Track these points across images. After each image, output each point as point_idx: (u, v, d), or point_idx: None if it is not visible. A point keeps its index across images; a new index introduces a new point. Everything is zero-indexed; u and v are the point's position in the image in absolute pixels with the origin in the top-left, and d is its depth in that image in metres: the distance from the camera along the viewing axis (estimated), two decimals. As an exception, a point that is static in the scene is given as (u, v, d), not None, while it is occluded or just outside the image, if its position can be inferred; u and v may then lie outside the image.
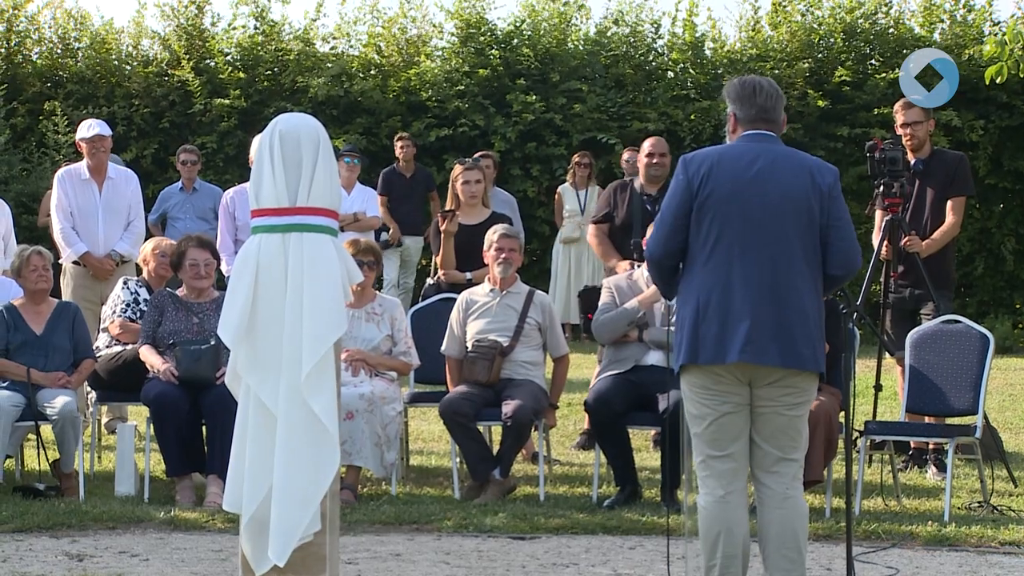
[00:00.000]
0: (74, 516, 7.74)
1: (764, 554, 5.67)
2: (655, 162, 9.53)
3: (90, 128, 10.31)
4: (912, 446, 9.28)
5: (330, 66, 16.98)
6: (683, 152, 6.00)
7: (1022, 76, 10.37)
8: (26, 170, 16.02)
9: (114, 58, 17.31)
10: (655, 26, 17.42)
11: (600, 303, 8.47)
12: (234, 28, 17.49)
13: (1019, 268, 16.53)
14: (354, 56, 17.40)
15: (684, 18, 17.12)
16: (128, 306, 8.95)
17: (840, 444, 7.67)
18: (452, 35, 17.44)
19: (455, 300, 8.83)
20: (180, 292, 8.65)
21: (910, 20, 17.13)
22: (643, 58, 17.34)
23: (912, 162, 9.33)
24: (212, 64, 17.06)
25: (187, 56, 16.89)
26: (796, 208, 5.57)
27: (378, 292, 8.91)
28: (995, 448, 8.80)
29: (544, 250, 16.30)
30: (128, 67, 17.26)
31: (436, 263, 9.85)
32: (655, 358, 8.19)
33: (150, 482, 8.34)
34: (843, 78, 16.38)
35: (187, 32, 17.29)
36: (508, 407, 8.26)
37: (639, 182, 9.57)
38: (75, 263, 10.23)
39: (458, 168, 9.75)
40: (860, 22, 16.85)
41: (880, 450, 8.70)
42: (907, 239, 9.16)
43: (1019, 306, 16.76)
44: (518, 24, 17.26)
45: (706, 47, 17.21)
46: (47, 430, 8.55)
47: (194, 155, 13.33)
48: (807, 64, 16.51)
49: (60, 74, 17.26)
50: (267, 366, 5.03)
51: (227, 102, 16.64)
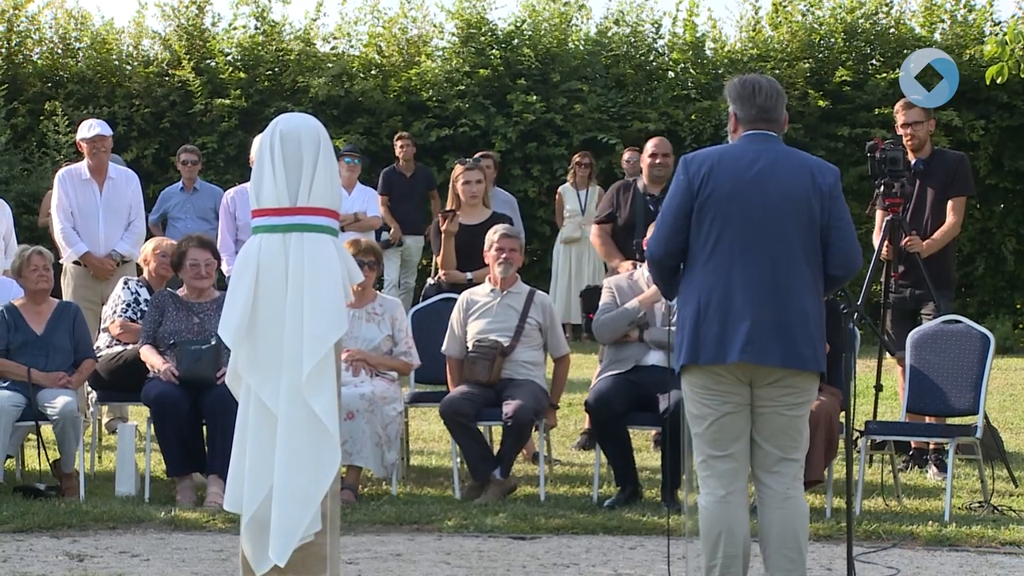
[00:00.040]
0: (75, 516, 7.74)
1: (765, 554, 5.66)
2: (658, 162, 9.52)
3: (91, 128, 10.31)
4: (913, 446, 9.28)
5: (331, 66, 16.97)
6: (683, 152, 6.00)
7: (1023, 76, 10.37)
8: (27, 170, 16.01)
9: (115, 58, 17.30)
10: (656, 26, 17.43)
11: (601, 303, 8.46)
12: (235, 28, 17.49)
13: (1020, 268, 16.52)
14: (355, 56, 17.39)
15: (685, 18, 17.12)
16: (129, 306, 8.95)
17: (841, 444, 7.67)
18: (453, 35, 17.44)
19: (456, 300, 8.82)
20: (181, 292, 8.64)
21: (911, 20, 17.13)
22: (644, 58, 17.33)
23: (913, 162, 9.33)
24: (213, 64, 17.05)
25: (188, 56, 16.88)
26: (797, 208, 5.57)
27: (379, 292, 8.91)
28: (996, 448, 8.79)
29: (545, 250, 16.29)
30: (129, 67, 17.25)
31: (437, 263, 9.84)
32: (656, 358, 8.19)
33: (151, 482, 8.33)
34: (844, 78, 16.37)
35: (188, 32, 17.28)
36: (509, 407, 8.26)
37: (642, 182, 9.57)
38: (76, 263, 10.23)
39: (459, 168, 9.75)
40: (861, 22, 16.85)
41: (881, 450, 8.70)
42: (908, 239, 9.16)
43: (1020, 306, 16.75)
44: (519, 24, 17.25)
45: (707, 47, 17.20)
46: (48, 430, 8.54)
47: (195, 155, 13.33)
48: (808, 64, 16.50)
49: (61, 74, 17.24)
50: (268, 366, 5.03)
51: (228, 102, 16.64)
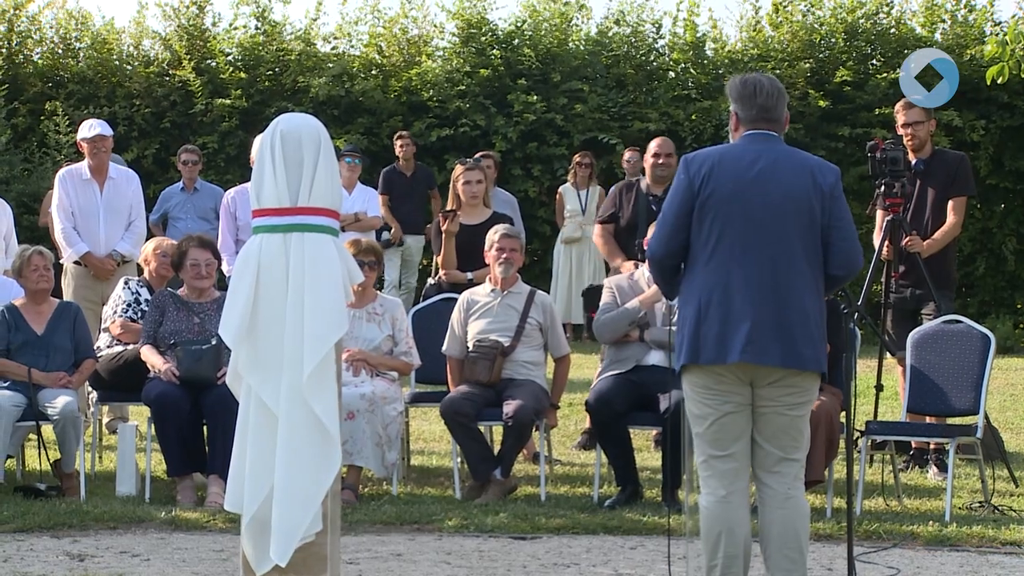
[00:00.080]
0: (75, 516, 7.74)
1: (765, 554, 5.66)
2: (661, 162, 9.52)
3: (91, 128, 10.31)
4: (913, 446, 9.28)
5: (331, 66, 16.97)
6: (684, 152, 6.01)
7: (1023, 76, 10.37)
8: (27, 170, 16.02)
9: (115, 58, 17.30)
10: (656, 26, 17.43)
11: (601, 303, 8.46)
12: (235, 28, 17.50)
13: (1020, 268, 16.52)
14: (355, 56, 17.39)
15: (685, 18, 17.12)
16: (129, 306, 8.95)
17: (841, 444, 7.68)
18: (453, 35, 17.44)
19: (456, 300, 8.82)
20: (181, 292, 8.64)
21: (911, 20, 17.13)
22: (644, 58, 17.33)
23: (913, 162, 9.33)
24: (213, 64, 17.05)
25: (188, 56, 16.88)
26: (797, 208, 5.57)
27: (379, 292, 8.91)
28: (996, 448, 8.79)
29: (545, 250, 16.29)
30: (129, 67, 17.25)
31: (437, 263, 9.84)
32: (656, 358, 8.19)
33: (151, 482, 8.33)
34: (844, 78, 16.37)
35: (188, 32, 17.29)
36: (509, 407, 8.25)
37: (645, 182, 9.57)
38: (76, 263, 10.23)
39: (459, 168, 9.75)
40: (861, 22, 16.85)
41: (881, 450, 8.69)
42: (908, 239, 9.16)
43: (1020, 306, 16.75)
44: (519, 24, 17.25)
45: (707, 47, 17.21)
46: (48, 430, 8.54)
47: (195, 155, 13.33)
48: (808, 64, 16.51)
49: (61, 74, 17.24)
50: (268, 366, 5.03)
51: (228, 102, 16.64)
